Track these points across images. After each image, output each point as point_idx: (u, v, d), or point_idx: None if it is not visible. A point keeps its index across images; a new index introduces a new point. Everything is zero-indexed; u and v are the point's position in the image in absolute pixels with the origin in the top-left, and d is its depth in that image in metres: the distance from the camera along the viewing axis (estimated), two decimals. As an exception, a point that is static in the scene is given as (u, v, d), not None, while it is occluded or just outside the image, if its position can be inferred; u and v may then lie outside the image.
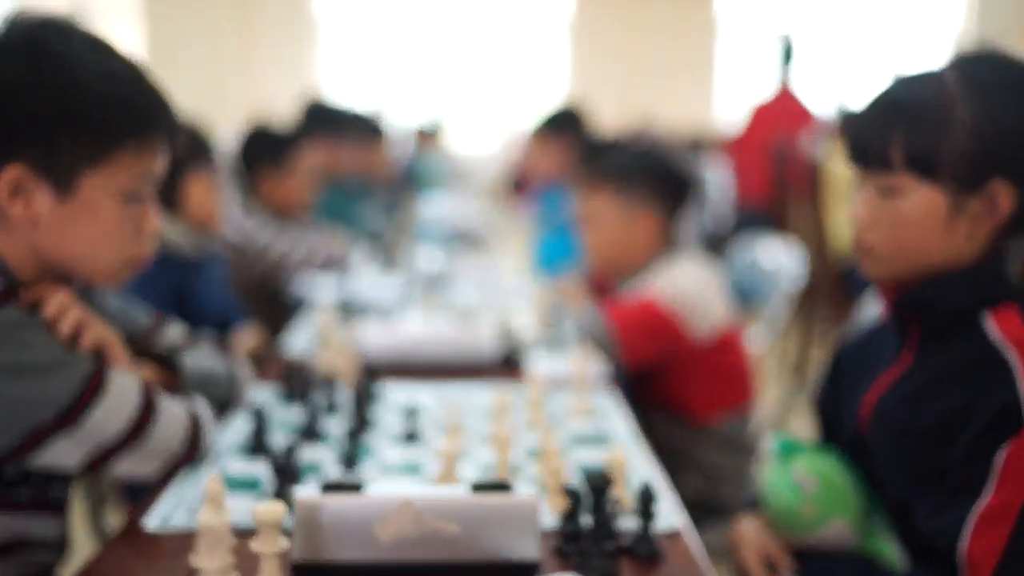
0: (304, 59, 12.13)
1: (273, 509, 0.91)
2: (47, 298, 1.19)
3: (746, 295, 2.73)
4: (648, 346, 1.97)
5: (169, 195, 2.11)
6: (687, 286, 1.99)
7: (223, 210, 2.27)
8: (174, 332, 1.48)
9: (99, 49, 1.19)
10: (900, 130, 1.20)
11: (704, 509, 2.00)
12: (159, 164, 1.23)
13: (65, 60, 1.15)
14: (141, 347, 1.38)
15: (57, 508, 1.28)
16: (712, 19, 12.44)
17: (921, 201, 1.19)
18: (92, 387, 1.15)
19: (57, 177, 1.15)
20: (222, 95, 11.54)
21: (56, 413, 1.12)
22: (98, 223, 1.19)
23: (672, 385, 2.06)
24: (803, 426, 4.34)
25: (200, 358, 1.41)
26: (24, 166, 1.14)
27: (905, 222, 1.21)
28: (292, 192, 2.93)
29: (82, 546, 1.39)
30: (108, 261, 1.23)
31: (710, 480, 2.03)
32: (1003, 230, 1.20)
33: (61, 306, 1.19)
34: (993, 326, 1.17)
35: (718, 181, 3.98)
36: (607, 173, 2.18)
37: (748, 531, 1.36)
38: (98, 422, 1.15)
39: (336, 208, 3.83)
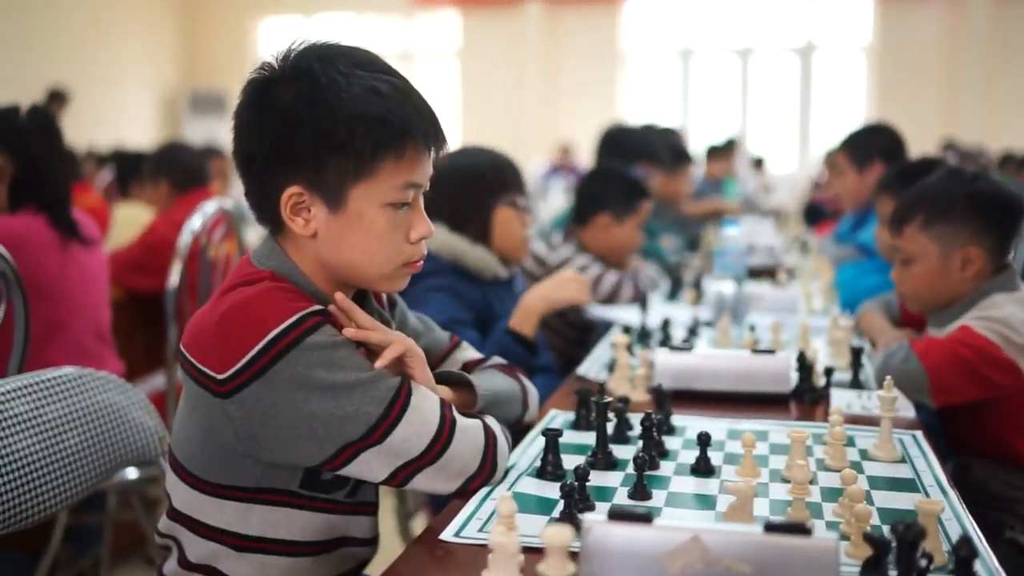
0: (608, 90, 12.34)
1: (562, 533, 0.92)
2: (357, 318, 1.27)
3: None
4: (964, 388, 1.80)
5: (478, 227, 2.19)
6: (1015, 321, 1.80)
7: (528, 243, 2.29)
8: (469, 352, 1.53)
9: (359, 70, 1.23)
10: None
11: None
12: (421, 173, 1.27)
13: (327, 86, 1.21)
14: (439, 366, 1.44)
15: (368, 509, 1.36)
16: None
17: None
18: (398, 405, 1.20)
19: (327, 193, 1.23)
20: (528, 127, 12.01)
21: (365, 429, 1.18)
22: (367, 232, 1.25)
23: (995, 429, 1.87)
24: None
25: (492, 378, 1.45)
26: (301, 185, 1.23)
27: None
28: (627, 238, 2.90)
29: (389, 544, 1.47)
30: (381, 266, 1.28)
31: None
32: None
33: (370, 326, 1.26)
34: None
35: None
36: (921, 202, 1.99)
37: None
38: (402, 438, 1.20)
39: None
